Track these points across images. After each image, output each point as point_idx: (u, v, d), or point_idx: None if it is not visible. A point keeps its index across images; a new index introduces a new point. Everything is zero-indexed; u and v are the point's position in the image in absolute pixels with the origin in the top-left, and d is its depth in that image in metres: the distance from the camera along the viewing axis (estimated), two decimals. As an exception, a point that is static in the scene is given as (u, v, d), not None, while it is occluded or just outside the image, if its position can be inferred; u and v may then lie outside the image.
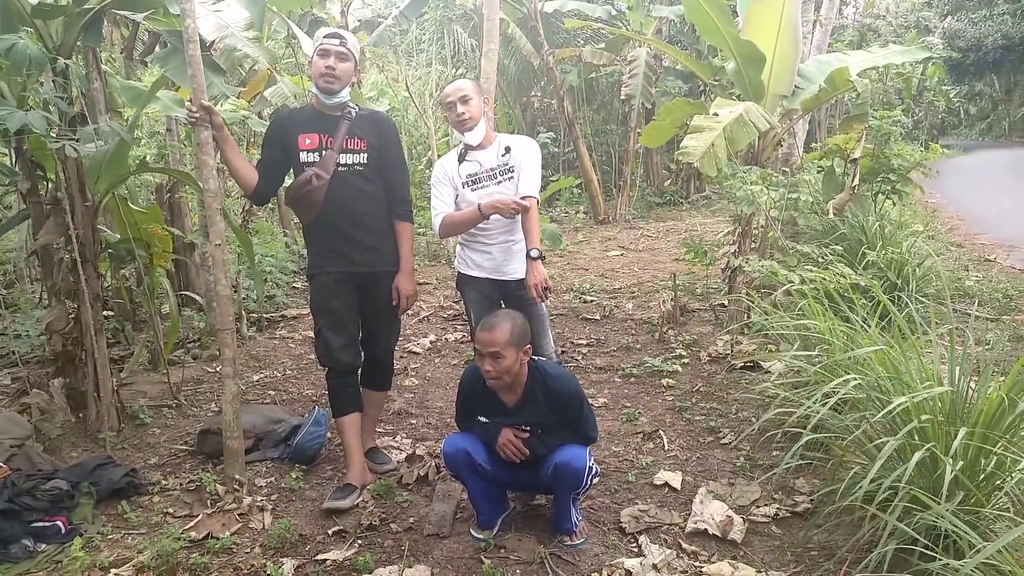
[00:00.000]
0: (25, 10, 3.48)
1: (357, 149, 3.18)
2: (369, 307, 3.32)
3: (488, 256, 3.30)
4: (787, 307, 4.05)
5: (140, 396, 4.37)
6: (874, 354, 2.84)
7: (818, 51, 7.97)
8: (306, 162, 3.16)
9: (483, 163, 3.24)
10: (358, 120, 3.20)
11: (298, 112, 3.37)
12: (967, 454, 2.40)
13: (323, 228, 3.21)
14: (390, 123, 3.35)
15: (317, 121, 3.18)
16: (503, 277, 3.30)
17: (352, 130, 3.17)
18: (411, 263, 3.31)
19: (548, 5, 11.46)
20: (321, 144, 3.16)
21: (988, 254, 7.66)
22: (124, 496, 3.20)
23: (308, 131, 3.17)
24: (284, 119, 3.31)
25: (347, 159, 3.17)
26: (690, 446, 3.67)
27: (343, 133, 3.15)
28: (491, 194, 3.21)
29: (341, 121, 3.16)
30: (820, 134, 14.93)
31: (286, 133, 3.21)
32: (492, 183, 3.24)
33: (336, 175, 3.14)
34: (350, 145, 3.17)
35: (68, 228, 3.64)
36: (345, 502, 3.10)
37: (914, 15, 24.04)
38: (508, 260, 3.28)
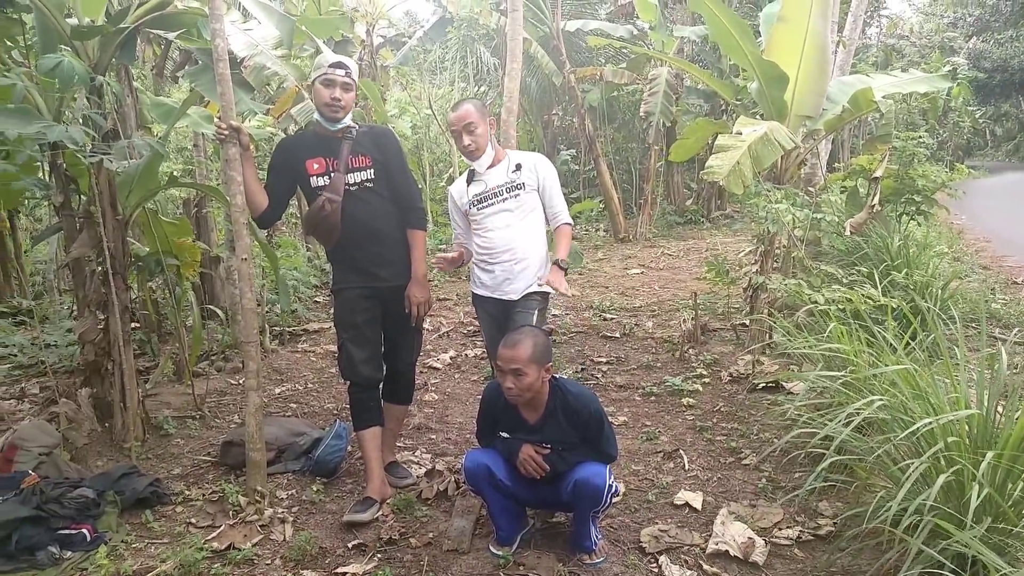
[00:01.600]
0: (64, 31, 3.59)
1: (362, 166, 3.24)
2: (392, 321, 3.37)
3: (491, 275, 3.34)
4: (810, 328, 4.02)
5: (165, 407, 4.42)
6: (900, 375, 2.82)
7: (841, 72, 7.96)
8: (317, 186, 3.22)
9: (489, 182, 3.30)
10: (359, 138, 3.26)
11: (301, 138, 3.44)
12: (995, 478, 2.37)
13: (345, 248, 3.26)
14: (390, 134, 3.41)
15: (321, 145, 3.24)
16: (504, 296, 3.33)
17: (355, 148, 3.23)
18: (423, 270, 3.33)
19: (570, 24, 11.55)
20: (328, 167, 3.22)
21: (1015, 277, 7.54)
22: (148, 505, 3.24)
23: (314, 156, 3.23)
24: (289, 145, 3.37)
25: (355, 177, 3.22)
26: (711, 466, 3.65)
27: (346, 153, 3.21)
28: (496, 212, 3.30)
29: (343, 142, 3.22)
30: (843, 154, 14.86)
31: (293, 159, 3.26)
32: (498, 201, 3.30)
33: (347, 195, 3.19)
34: (355, 163, 3.23)
35: (100, 241, 3.72)
36: (365, 515, 3.11)
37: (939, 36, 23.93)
38: (509, 280, 3.30)
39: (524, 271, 3.29)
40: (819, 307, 3.89)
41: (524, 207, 3.32)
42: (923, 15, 29.82)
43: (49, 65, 3.20)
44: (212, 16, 3.15)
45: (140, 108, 4.56)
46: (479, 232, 3.36)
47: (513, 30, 5.75)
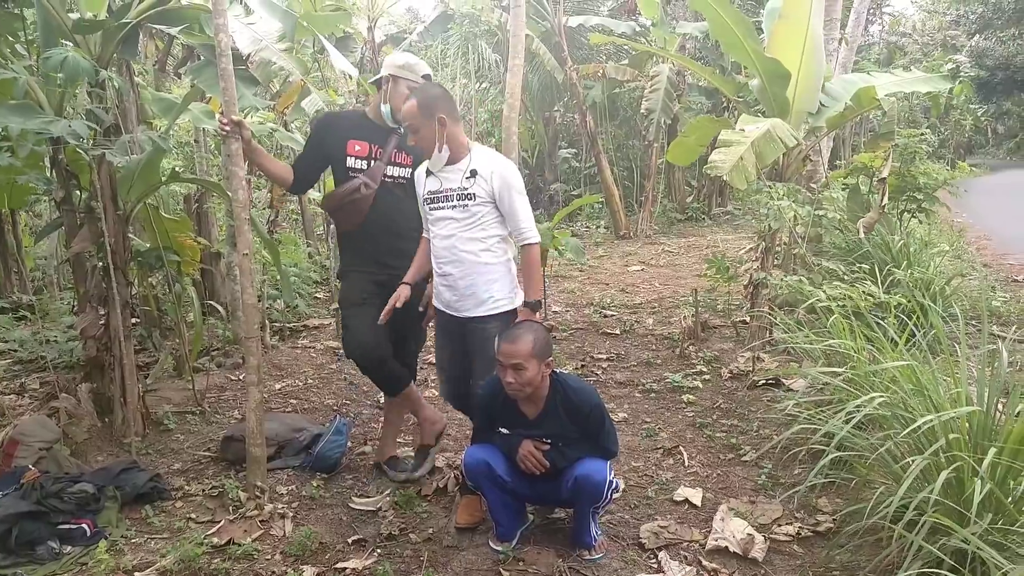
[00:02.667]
0: (66, 25, 3.58)
1: (404, 164, 3.31)
2: (401, 314, 3.25)
3: (439, 287, 3.06)
4: (811, 325, 4.02)
5: (165, 402, 4.42)
6: (901, 372, 2.82)
7: (843, 69, 7.94)
8: (352, 168, 3.26)
9: (444, 182, 2.95)
10: (405, 136, 3.23)
11: (346, 116, 3.46)
12: (995, 475, 2.36)
13: (363, 235, 3.30)
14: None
15: (368, 130, 3.29)
16: (456, 313, 3.02)
17: (400, 144, 3.28)
18: None
19: (572, 20, 11.54)
20: (371, 153, 3.27)
21: (1016, 275, 7.54)
22: (148, 501, 3.24)
23: (358, 138, 3.27)
24: (332, 121, 3.41)
25: (393, 171, 3.29)
26: (710, 463, 3.65)
27: (392, 146, 3.27)
28: (443, 218, 2.94)
29: (391, 135, 3.28)
30: (845, 152, 14.85)
31: (333, 135, 3.29)
32: (447, 206, 2.94)
33: (382, 186, 3.26)
34: (398, 159, 3.30)
35: (101, 236, 3.71)
36: (421, 470, 3.45)
37: (941, 33, 23.89)
38: (457, 298, 2.99)
39: (470, 289, 2.93)
40: (820, 304, 3.89)
41: (473, 219, 2.90)
42: (926, 12, 29.77)
43: (56, 60, 3.20)
44: (215, 11, 3.14)
45: (141, 103, 4.56)
46: (431, 232, 3.06)
47: (515, 26, 5.74)
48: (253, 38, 3.91)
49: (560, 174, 13.81)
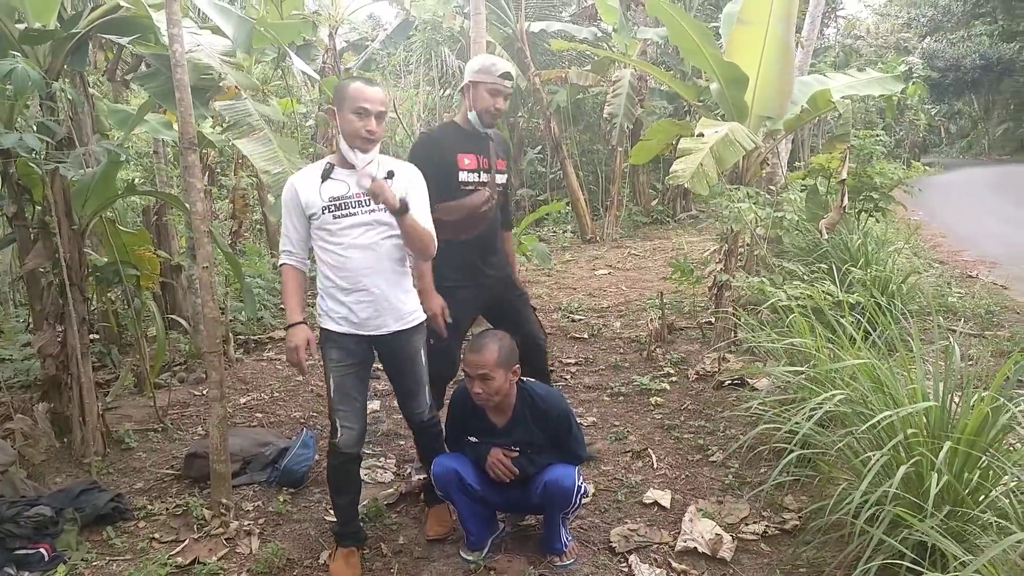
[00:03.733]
0: (13, 35, 3.50)
1: (504, 170, 3.37)
2: (503, 306, 3.47)
3: (348, 308, 2.71)
4: (773, 324, 4.08)
5: (126, 420, 4.33)
6: (860, 369, 2.87)
7: (800, 72, 8.08)
8: (464, 181, 3.22)
9: (352, 186, 2.67)
10: (495, 139, 3.36)
11: (446, 132, 3.36)
12: (952, 468, 2.42)
13: (471, 246, 3.28)
14: (507, 140, 3.50)
15: (470, 141, 3.28)
16: (374, 332, 2.74)
17: (496, 151, 3.34)
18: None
19: (534, 26, 11.59)
20: (479, 165, 3.27)
21: (970, 270, 7.75)
22: (109, 522, 3.17)
23: (465, 151, 3.25)
24: (440, 138, 3.35)
25: (500, 179, 3.35)
26: (679, 464, 3.68)
27: (493, 154, 3.31)
28: (357, 226, 2.66)
29: (487, 142, 3.31)
30: (803, 153, 15.11)
31: (444, 152, 3.22)
32: (362, 212, 2.66)
33: (498, 193, 3.35)
34: (500, 166, 3.34)
35: (56, 252, 3.63)
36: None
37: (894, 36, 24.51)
38: (378, 314, 2.71)
39: (391, 302, 2.73)
40: (781, 303, 3.95)
41: (391, 227, 2.69)
42: (879, 16, 30.54)
43: (2, 71, 3.12)
44: (169, 21, 3.09)
45: (96, 115, 4.47)
46: (332, 248, 2.67)
47: (476, 33, 5.75)
48: (191, 43, 3.83)
49: (526, 179, 13.85)
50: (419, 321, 2.83)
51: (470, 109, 3.25)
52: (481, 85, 3.19)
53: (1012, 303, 6.23)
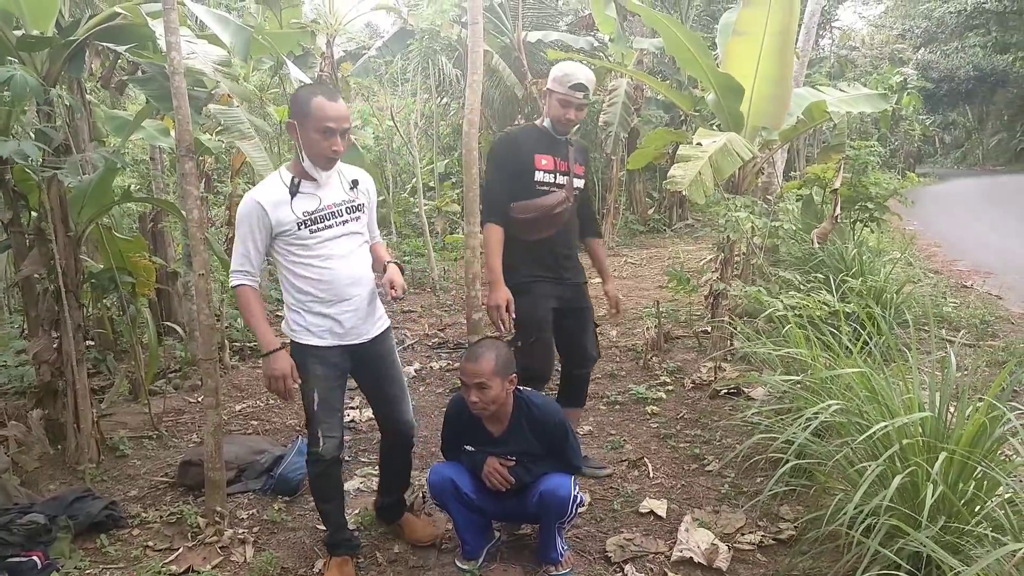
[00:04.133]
0: (10, 41, 3.50)
1: (581, 175, 3.42)
2: (573, 317, 3.47)
3: (333, 319, 2.69)
4: (769, 333, 4.09)
5: (120, 427, 4.31)
6: (856, 378, 2.88)
7: (795, 83, 8.13)
8: (540, 182, 3.26)
9: (324, 198, 2.64)
10: (576, 145, 3.42)
11: (526, 133, 3.40)
12: (948, 478, 2.43)
13: (546, 246, 3.33)
14: (587, 148, 3.56)
15: (549, 143, 3.32)
16: (356, 340, 2.75)
17: (576, 156, 3.39)
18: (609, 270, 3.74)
19: (531, 35, 11.63)
20: (556, 167, 3.30)
21: (965, 280, 7.78)
22: (103, 529, 3.15)
23: (542, 152, 3.29)
24: (519, 139, 3.38)
25: (578, 183, 3.39)
26: (675, 473, 3.67)
27: (572, 159, 3.35)
28: (337, 237, 2.65)
29: (567, 146, 3.36)
30: (799, 163, 15.18)
31: (520, 152, 3.28)
32: (337, 223, 2.65)
33: (575, 197, 3.39)
34: (578, 171, 3.39)
35: (52, 258, 3.62)
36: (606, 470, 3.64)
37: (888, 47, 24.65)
38: (362, 321, 2.75)
39: (371, 307, 2.78)
40: (778, 313, 3.96)
41: (363, 235, 2.77)
42: (873, 27, 30.74)
43: (1, 78, 3.12)
44: (167, 29, 3.09)
45: (93, 121, 4.47)
46: (310, 262, 2.64)
47: (474, 41, 5.76)
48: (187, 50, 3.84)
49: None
50: (388, 324, 2.92)
51: (546, 116, 3.32)
52: (555, 94, 3.23)
53: (1007, 313, 6.25)
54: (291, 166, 2.68)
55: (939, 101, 27.54)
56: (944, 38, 28.26)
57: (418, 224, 9.83)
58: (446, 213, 9.98)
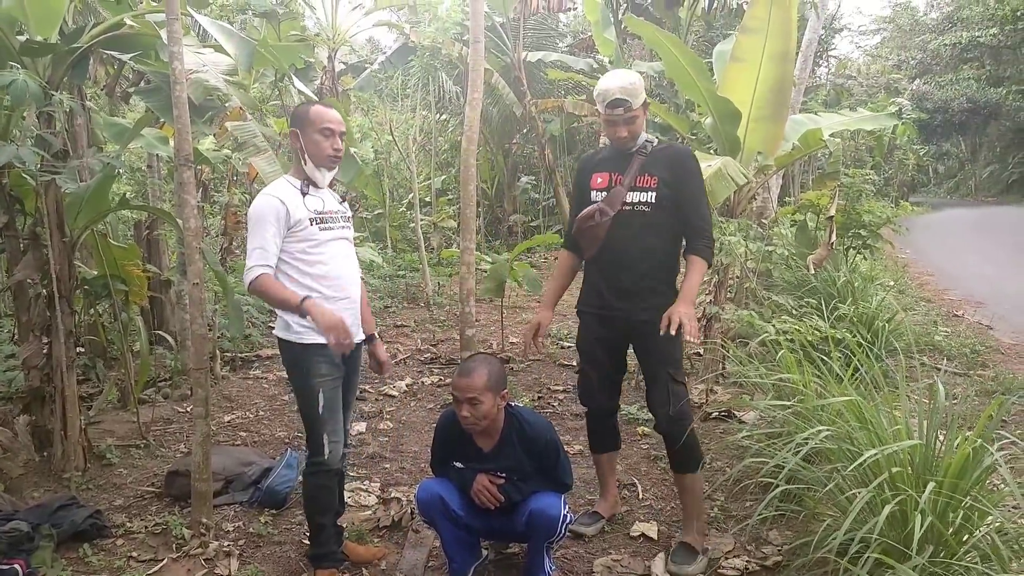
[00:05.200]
0: (13, 47, 3.51)
1: (646, 187, 2.99)
2: (641, 355, 3.13)
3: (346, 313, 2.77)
4: (761, 357, 4.10)
5: (108, 435, 4.28)
6: (846, 406, 2.88)
7: (791, 110, 8.22)
8: (595, 201, 3.08)
9: (326, 202, 2.82)
10: (654, 155, 3.03)
11: (597, 153, 3.33)
12: (936, 507, 2.43)
13: (594, 267, 3.14)
14: (688, 156, 3.06)
15: (613, 160, 3.10)
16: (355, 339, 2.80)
17: (645, 167, 3.01)
18: (694, 293, 2.96)
19: (532, 55, 11.74)
20: (611, 182, 3.05)
21: (956, 310, 7.82)
22: (87, 539, 3.12)
23: (601, 170, 3.11)
24: (586, 160, 3.29)
25: (634, 197, 3.00)
26: (665, 495, 3.66)
27: (635, 170, 3.01)
28: (337, 239, 2.80)
29: (635, 158, 3.03)
30: (793, 189, 15.28)
31: (582, 174, 3.20)
32: (337, 226, 2.83)
33: (620, 213, 3.00)
34: (640, 182, 3.00)
35: (46, 264, 3.61)
36: (588, 529, 3.24)
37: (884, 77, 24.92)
38: (355, 322, 2.86)
39: (359, 308, 2.92)
40: (770, 338, 3.97)
41: (352, 244, 2.95)
42: (870, 57, 31.11)
43: (2, 83, 3.13)
44: (171, 39, 3.11)
45: (92, 128, 4.48)
46: (318, 259, 2.73)
47: (475, 60, 5.82)
48: (196, 62, 3.88)
49: (519, 205, 13.93)
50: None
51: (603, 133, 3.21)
52: (601, 116, 3.09)
53: (996, 343, 6.29)
54: (293, 173, 2.82)
55: (933, 131, 27.80)
56: (939, 70, 28.63)
57: (414, 238, 9.85)
58: (442, 229, 10.01)
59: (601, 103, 2.98)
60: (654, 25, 5.44)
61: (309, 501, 2.84)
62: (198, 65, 4.05)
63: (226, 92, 3.65)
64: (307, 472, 2.80)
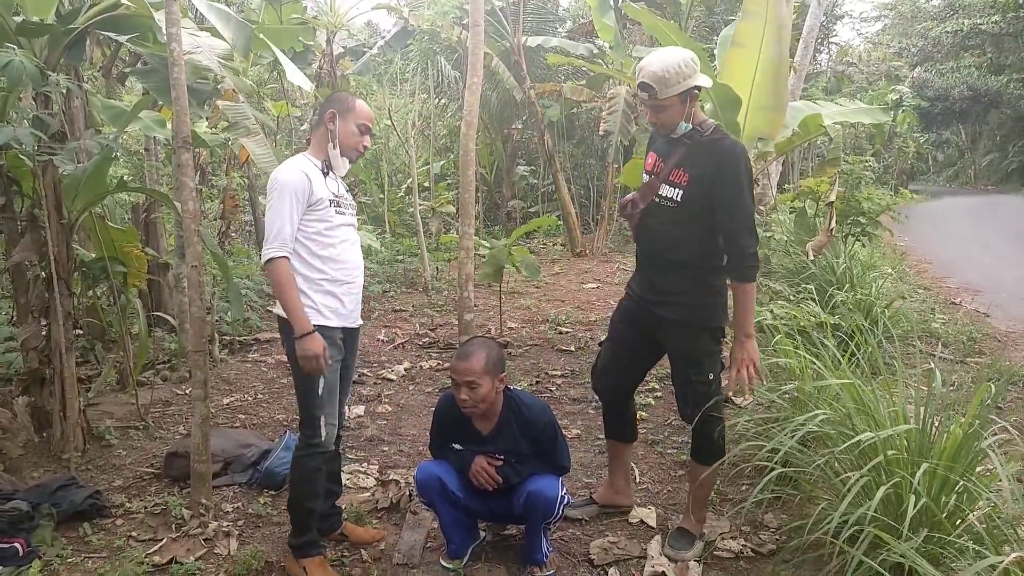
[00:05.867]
0: (10, 27, 3.49)
1: (678, 183, 2.81)
2: (668, 351, 3.01)
3: (341, 300, 2.77)
4: (759, 343, 4.11)
5: (107, 417, 4.29)
6: (843, 389, 2.90)
7: (792, 97, 8.19)
8: (644, 182, 2.98)
9: (339, 187, 2.85)
10: (696, 148, 2.80)
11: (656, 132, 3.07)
12: (930, 490, 2.45)
13: (639, 256, 3.08)
14: (730, 154, 2.76)
15: (663, 142, 2.94)
16: (354, 324, 2.88)
17: (683, 160, 2.81)
18: (747, 326, 2.76)
19: (531, 40, 11.67)
20: (654, 167, 2.92)
21: (954, 297, 7.84)
22: (86, 518, 3.14)
23: (652, 150, 2.99)
24: (652, 135, 3.10)
25: (666, 191, 2.84)
26: (661, 479, 3.69)
27: (673, 162, 2.83)
28: (347, 224, 2.81)
29: (679, 146, 2.84)
30: (793, 176, 15.28)
31: (647, 149, 3.08)
32: (347, 212, 2.84)
33: (651, 206, 2.90)
34: (674, 177, 2.82)
35: (44, 245, 3.61)
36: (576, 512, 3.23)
37: (885, 64, 24.84)
38: (356, 306, 2.87)
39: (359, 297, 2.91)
40: (767, 323, 3.99)
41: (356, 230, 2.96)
42: (871, 44, 30.99)
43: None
44: (169, 20, 3.10)
45: (90, 110, 4.46)
46: (331, 241, 2.73)
47: (474, 44, 5.78)
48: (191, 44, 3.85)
49: (518, 191, 13.90)
50: None
51: None
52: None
53: (993, 331, 6.31)
54: (314, 153, 2.80)
55: (933, 119, 27.74)
56: (940, 57, 28.52)
57: (412, 223, 9.84)
58: (441, 214, 10.00)
59: (645, 85, 2.74)
60: (652, 11, 5.41)
61: (301, 483, 2.75)
62: (192, 47, 4.03)
63: (218, 73, 3.63)
64: (300, 454, 2.73)
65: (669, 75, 2.70)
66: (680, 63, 2.71)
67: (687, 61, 2.72)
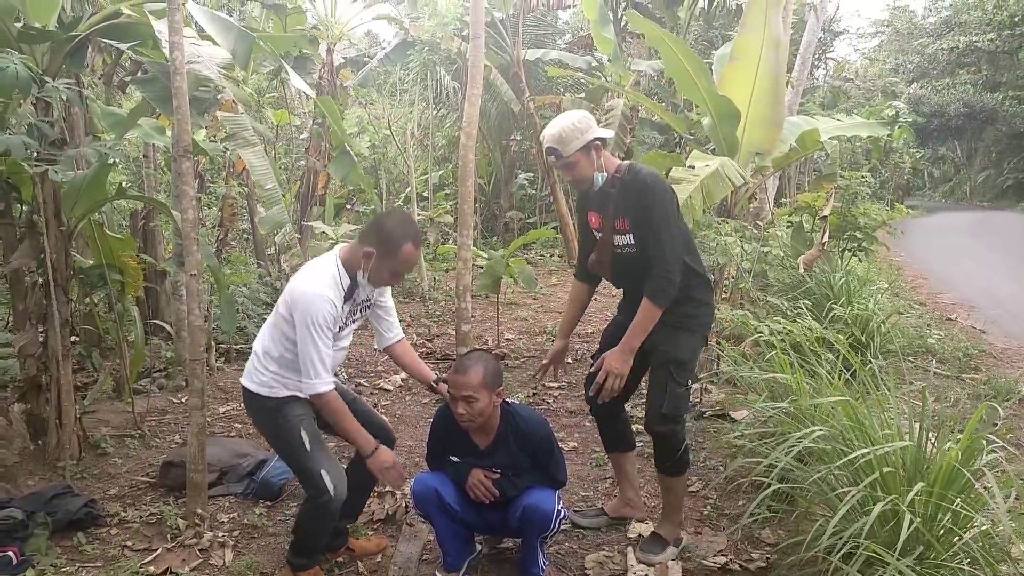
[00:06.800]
0: (11, 33, 3.50)
1: (623, 230, 2.93)
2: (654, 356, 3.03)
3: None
4: (755, 358, 4.12)
5: (103, 425, 4.28)
6: (839, 406, 2.90)
7: (789, 112, 8.25)
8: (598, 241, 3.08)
9: (358, 298, 2.81)
10: (623, 192, 2.90)
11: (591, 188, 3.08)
12: (926, 509, 2.45)
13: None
14: (645, 187, 2.86)
15: (598, 196, 3.00)
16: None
17: (618, 208, 2.92)
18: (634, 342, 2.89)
19: (530, 53, 11.73)
20: (600, 225, 3.02)
21: (950, 313, 7.86)
22: (81, 527, 3.12)
23: (592, 209, 3.07)
24: (580, 198, 3.20)
25: (620, 240, 2.97)
26: (658, 493, 3.66)
27: (611, 213, 2.95)
28: (351, 332, 2.89)
29: (608, 198, 2.94)
30: (790, 190, 15.32)
31: (582, 214, 3.16)
32: (357, 319, 2.89)
33: (615, 257, 3.01)
34: (619, 226, 2.94)
35: (42, 252, 3.60)
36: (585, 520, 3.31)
37: (881, 80, 25.00)
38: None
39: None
40: (764, 338, 3.99)
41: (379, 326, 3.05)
42: (867, 60, 31.19)
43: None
44: (171, 28, 3.11)
45: (90, 117, 4.47)
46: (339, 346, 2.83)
47: (475, 57, 5.81)
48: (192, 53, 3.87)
49: (516, 202, 13.93)
50: None
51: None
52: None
53: (989, 347, 6.33)
54: (346, 263, 2.70)
55: (929, 135, 27.90)
56: (936, 74, 28.74)
57: (410, 234, 9.82)
58: (439, 224, 10.01)
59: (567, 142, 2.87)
60: (655, 23, 5.46)
61: (310, 520, 2.72)
62: (192, 56, 4.05)
63: (218, 83, 3.64)
64: (316, 515, 2.67)
65: (566, 134, 2.83)
66: (574, 121, 2.86)
67: (580, 119, 2.88)
